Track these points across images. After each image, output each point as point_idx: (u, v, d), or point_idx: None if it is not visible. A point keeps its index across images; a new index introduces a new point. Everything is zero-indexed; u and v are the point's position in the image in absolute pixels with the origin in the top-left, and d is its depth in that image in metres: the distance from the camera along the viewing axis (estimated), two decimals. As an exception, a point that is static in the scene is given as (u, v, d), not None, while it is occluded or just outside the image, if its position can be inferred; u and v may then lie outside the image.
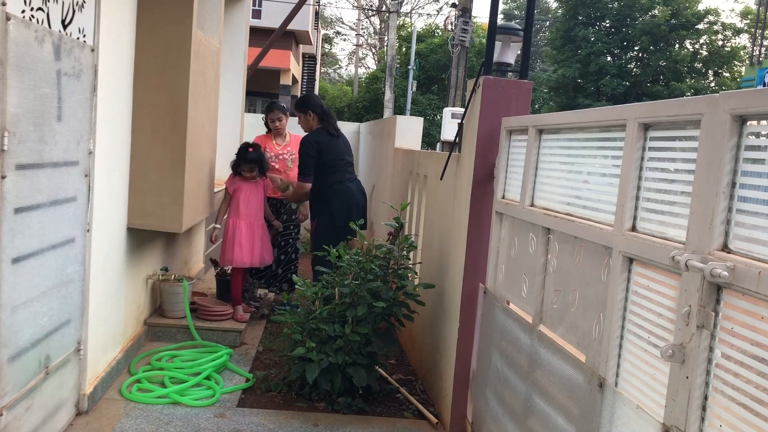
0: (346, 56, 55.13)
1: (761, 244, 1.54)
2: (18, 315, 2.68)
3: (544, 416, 2.57)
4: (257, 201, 5.16)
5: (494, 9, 3.61)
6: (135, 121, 3.99)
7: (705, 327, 1.65)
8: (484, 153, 3.46)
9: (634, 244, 2.02)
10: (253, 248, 5.08)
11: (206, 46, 4.55)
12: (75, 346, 3.34)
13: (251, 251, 5.07)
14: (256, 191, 5.17)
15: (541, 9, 41.51)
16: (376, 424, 3.79)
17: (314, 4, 24.71)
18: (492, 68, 3.63)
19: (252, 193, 5.13)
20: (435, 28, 29.13)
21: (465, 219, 3.56)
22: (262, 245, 5.16)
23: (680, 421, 1.71)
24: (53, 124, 2.85)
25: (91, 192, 3.35)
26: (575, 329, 2.41)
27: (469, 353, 3.61)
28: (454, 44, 15.38)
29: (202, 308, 4.87)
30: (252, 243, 5.08)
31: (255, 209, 5.14)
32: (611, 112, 2.29)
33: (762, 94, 1.55)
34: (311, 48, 27.13)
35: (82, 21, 3.12)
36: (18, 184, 2.58)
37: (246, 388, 4.09)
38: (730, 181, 1.64)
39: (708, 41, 30.41)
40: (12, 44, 2.42)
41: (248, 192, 5.12)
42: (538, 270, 2.76)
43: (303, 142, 5.19)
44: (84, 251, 3.35)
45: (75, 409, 3.44)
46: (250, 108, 23.23)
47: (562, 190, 2.66)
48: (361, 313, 3.80)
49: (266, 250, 5.22)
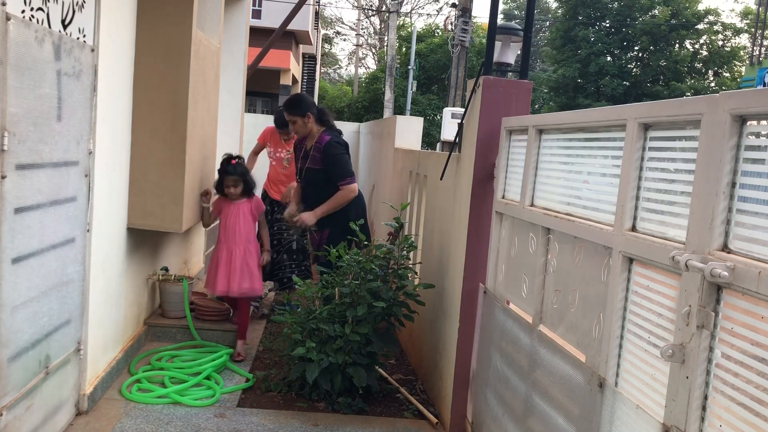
0: (346, 56, 55.15)
1: (761, 244, 1.54)
2: (18, 315, 2.68)
3: (544, 416, 2.57)
4: (241, 225, 4.60)
5: (494, 9, 3.61)
6: (135, 121, 3.99)
7: (705, 327, 1.65)
8: (484, 153, 3.46)
9: (634, 244, 2.02)
10: (229, 276, 4.55)
11: (206, 46, 4.55)
12: (75, 346, 3.34)
13: (227, 280, 4.55)
14: (238, 213, 4.61)
15: (541, 9, 41.50)
16: (376, 424, 3.79)
17: (314, 4, 24.70)
18: (492, 68, 3.63)
19: (233, 215, 4.60)
20: (435, 28, 29.13)
21: (465, 219, 3.56)
22: (242, 274, 4.58)
23: (680, 421, 1.71)
24: (53, 124, 2.85)
25: (91, 192, 3.35)
26: (575, 329, 2.41)
27: (469, 353, 3.61)
28: (454, 44, 15.38)
29: (201, 308, 4.87)
30: (229, 270, 4.55)
31: (236, 234, 4.58)
32: (611, 112, 2.29)
33: (762, 94, 1.55)
34: (311, 48, 27.13)
35: (82, 21, 3.12)
36: (18, 184, 2.58)
37: (246, 388, 4.09)
38: (730, 181, 1.64)
39: (708, 41, 30.41)
40: (12, 44, 2.42)
41: (229, 215, 4.61)
42: (538, 270, 2.76)
43: (332, 144, 4.58)
44: (84, 251, 3.35)
45: (75, 409, 3.44)
46: (250, 108, 23.23)
47: (562, 190, 2.66)
48: (361, 313, 3.80)
49: (248, 278, 4.60)
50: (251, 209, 4.70)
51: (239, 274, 4.56)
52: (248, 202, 4.68)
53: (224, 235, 4.62)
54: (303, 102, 4.67)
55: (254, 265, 4.66)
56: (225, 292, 4.59)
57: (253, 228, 4.78)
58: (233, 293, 4.59)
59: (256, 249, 4.75)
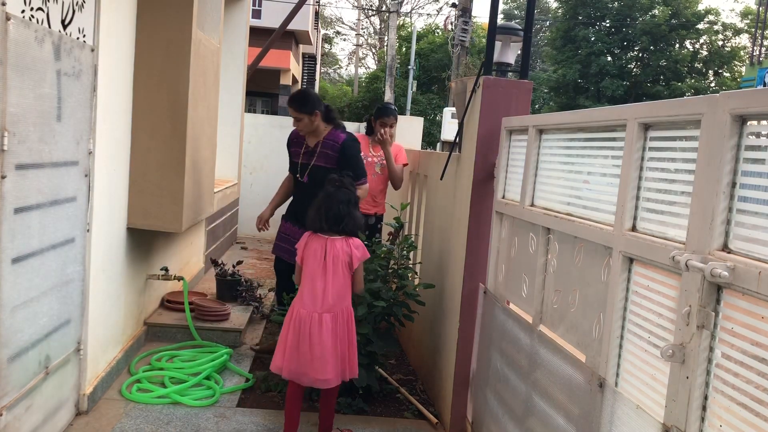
0: (346, 56, 55.19)
1: (761, 244, 1.54)
2: (18, 315, 2.68)
3: (544, 416, 2.57)
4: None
5: (494, 9, 3.61)
6: (135, 121, 3.99)
7: (705, 327, 1.65)
8: (484, 153, 3.46)
9: (634, 244, 2.01)
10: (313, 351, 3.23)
11: (206, 46, 4.55)
12: (75, 346, 3.34)
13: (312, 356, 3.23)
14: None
15: (541, 9, 41.50)
16: (376, 424, 3.78)
17: (314, 4, 24.70)
18: (492, 68, 3.63)
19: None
20: (435, 28, 29.14)
21: (465, 219, 3.56)
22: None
23: (680, 421, 1.71)
24: (53, 124, 2.85)
25: (91, 192, 3.35)
26: (575, 329, 2.40)
27: (469, 353, 3.61)
28: (454, 44, 15.38)
29: (201, 308, 4.87)
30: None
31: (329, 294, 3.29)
32: (611, 112, 2.29)
33: (762, 94, 1.55)
34: (311, 48, 27.14)
35: (82, 21, 3.12)
36: (18, 184, 2.58)
37: (246, 388, 4.09)
38: (730, 181, 1.63)
39: (708, 41, 30.43)
40: (12, 44, 2.42)
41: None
42: (538, 270, 2.75)
43: (349, 144, 4.45)
44: (84, 251, 3.35)
45: (75, 409, 3.44)
46: (250, 108, 23.26)
47: (562, 190, 2.66)
48: (361, 313, 3.80)
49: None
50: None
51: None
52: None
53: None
54: (310, 98, 4.45)
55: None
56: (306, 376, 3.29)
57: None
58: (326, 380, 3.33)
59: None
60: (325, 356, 3.19)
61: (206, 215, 5.12)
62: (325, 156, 4.49)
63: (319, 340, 3.20)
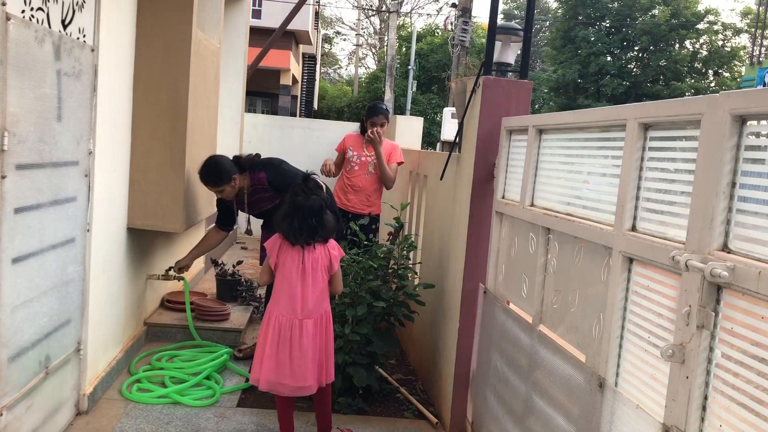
0: (346, 56, 55.19)
1: (761, 244, 1.54)
2: (18, 315, 2.68)
3: (544, 416, 2.57)
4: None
5: (494, 9, 3.61)
6: (135, 121, 3.99)
7: (705, 327, 1.65)
8: (484, 153, 3.46)
9: (634, 244, 2.02)
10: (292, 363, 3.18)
11: (206, 46, 4.55)
12: (75, 346, 3.34)
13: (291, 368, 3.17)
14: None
15: (541, 9, 41.50)
16: (376, 424, 3.79)
17: (314, 4, 24.70)
18: (492, 68, 3.63)
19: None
20: (435, 28, 29.14)
21: (465, 219, 3.56)
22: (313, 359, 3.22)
23: (680, 421, 1.71)
24: (53, 124, 2.85)
25: (91, 192, 3.35)
26: (575, 329, 2.41)
27: (469, 353, 3.61)
28: (454, 44, 15.39)
29: (201, 308, 4.87)
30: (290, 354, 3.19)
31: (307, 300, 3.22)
32: (611, 112, 2.29)
33: (762, 94, 1.55)
34: (311, 48, 27.13)
35: (82, 21, 3.12)
36: (18, 184, 2.58)
37: (246, 388, 4.09)
38: (730, 181, 1.63)
39: (708, 41, 30.44)
40: (12, 44, 2.42)
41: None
42: (538, 270, 2.76)
43: (270, 173, 4.37)
44: (84, 251, 3.35)
45: (75, 409, 3.44)
46: (250, 108, 23.25)
47: (562, 190, 2.66)
48: (361, 313, 3.80)
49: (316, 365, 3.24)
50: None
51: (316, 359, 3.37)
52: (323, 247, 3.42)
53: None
54: (223, 169, 4.27)
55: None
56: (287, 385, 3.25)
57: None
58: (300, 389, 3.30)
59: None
60: (305, 363, 3.16)
61: (206, 215, 5.12)
62: (263, 198, 4.47)
63: (299, 347, 3.16)
